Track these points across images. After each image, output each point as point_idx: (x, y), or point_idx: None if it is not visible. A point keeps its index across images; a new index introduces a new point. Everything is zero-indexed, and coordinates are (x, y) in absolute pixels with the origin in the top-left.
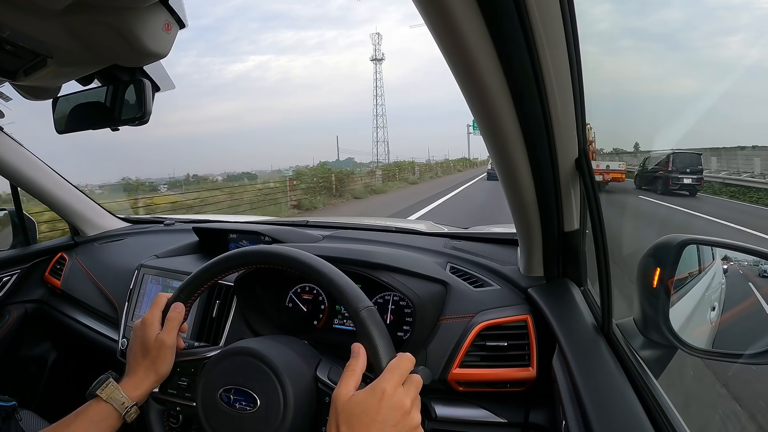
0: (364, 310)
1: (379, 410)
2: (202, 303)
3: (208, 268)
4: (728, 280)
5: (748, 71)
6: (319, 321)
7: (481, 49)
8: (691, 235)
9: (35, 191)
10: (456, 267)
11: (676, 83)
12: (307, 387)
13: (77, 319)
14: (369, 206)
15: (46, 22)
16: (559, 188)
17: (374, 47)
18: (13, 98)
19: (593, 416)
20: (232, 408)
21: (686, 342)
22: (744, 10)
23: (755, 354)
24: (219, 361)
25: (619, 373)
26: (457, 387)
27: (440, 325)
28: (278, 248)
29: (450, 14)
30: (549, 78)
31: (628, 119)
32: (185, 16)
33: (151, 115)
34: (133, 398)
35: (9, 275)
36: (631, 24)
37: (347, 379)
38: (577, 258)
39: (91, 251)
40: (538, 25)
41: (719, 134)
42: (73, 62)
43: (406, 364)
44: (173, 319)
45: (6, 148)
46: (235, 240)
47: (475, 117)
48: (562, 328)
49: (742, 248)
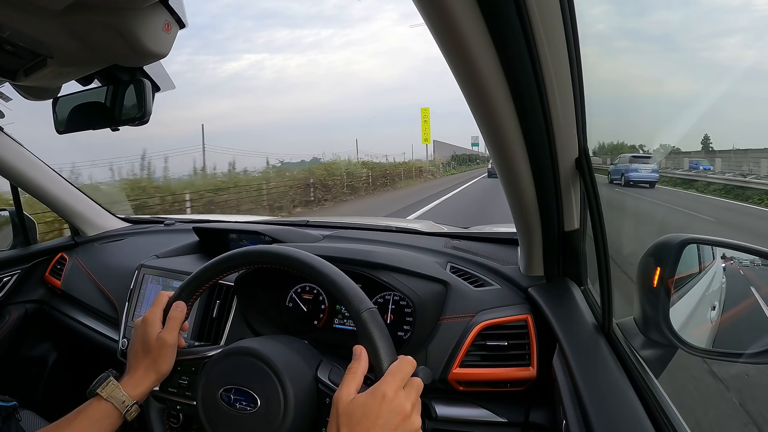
0: (365, 311)
1: (380, 413)
2: (202, 303)
3: (209, 268)
4: (728, 279)
5: (745, 73)
6: (320, 321)
7: (481, 48)
8: (691, 235)
9: (35, 191)
10: (456, 266)
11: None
12: (308, 387)
13: (77, 319)
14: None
15: (46, 22)
16: (560, 188)
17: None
18: (15, 98)
19: (593, 416)
20: (233, 408)
21: (686, 341)
22: (741, 12)
23: (755, 353)
24: (219, 360)
25: (619, 372)
26: (457, 387)
27: (440, 324)
28: (279, 248)
29: (450, 14)
30: (549, 78)
31: (626, 119)
32: (185, 16)
33: (151, 115)
34: (134, 397)
35: (9, 275)
36: (628, 25)
37: (348, 381)
38: (577, 257)
39: (92, 251)
40: (538, 24)
41: (714, 136)
42: (73, 62)
43: (407, 368)
44: (175, 318)
45: (6, 148)
46: (236, 240)
47: (476, 117)
48: (562, 327)
49: (742, 248)
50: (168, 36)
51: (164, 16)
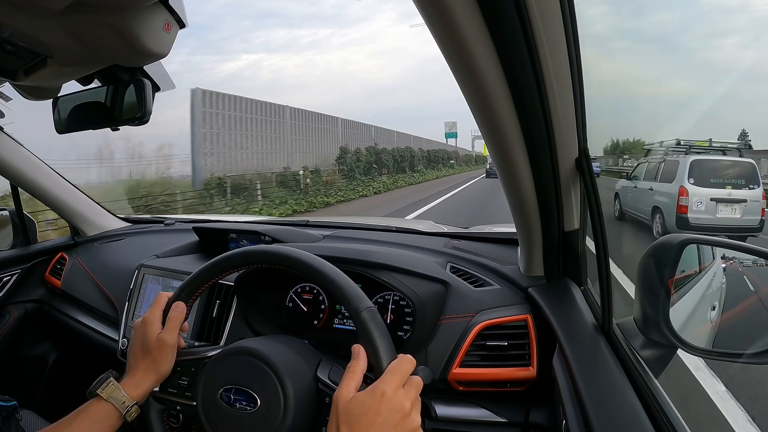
0: (365, 310)
1: (379, 412)
2: (202, 303)
3: (209, 268)
4: (728, 279)
5: (742, 75)
6: (320, 320)
7: (481, 48)
8: (691, 235)
9: (35, 191)
10: (456, 266)
11: (672, 84)
12: (308, 387)
13: (77, 319)
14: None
15: (46, 22)
16: (560, 188)
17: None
18: (19, 98)
19: (593, 415)
20: (233, 408)
21: (686, 341)
22: (738, 12)
23: (755, 353)
24: (219, 360)
25: (619, 372)
26: (457, 386)
27: (440, 324)
28: (279, 248)
29: (450, 14)
30: (549, 78)
31: (624, 120)
32: (185, 15)
33: (151, 114)
34: (134, 397)
35: (9, 275)
36: (627, 25)
37: (348, 380)
38: (577, 257)
39: (92, 251)
40: (538, 24)
41: (709, 133)
42: (73, 62)
43: (407, 366)
44: (174, 318)
45: (6, 148)
46: (235, 240)
47: (476, 117)
48: (562, 327)
49: (742, 248)
50: (168, 36)
51: (164, 15)
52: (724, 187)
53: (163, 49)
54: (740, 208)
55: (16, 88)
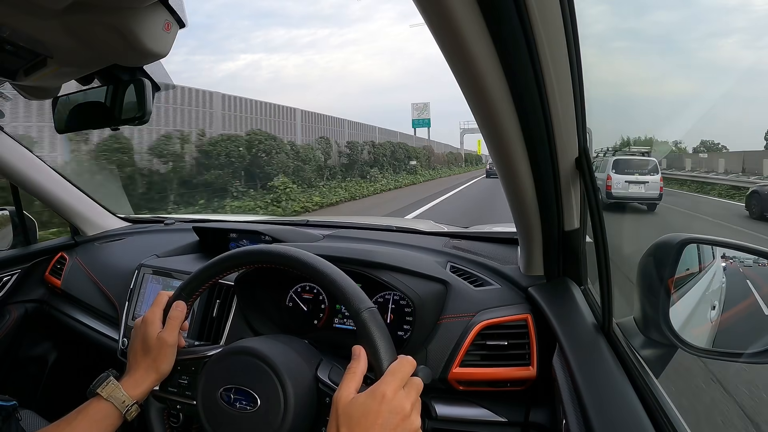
0: (365, 311)
1: (379, 413)
2: (202, 302)
3: (209, 267)
4: (728, 279)
5: (743, 74)
6: (320, 320)
7: (482, 48)
8: (691, 235)
9: (35, 191)
10: (456, 266)
11: (671, 84)
12: (308, 387)
13: (77, 319)
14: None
15: (46, 22)
16: (560, 187)
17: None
18: (18, 98)
19: (593, 415)
20: (233, 407)
21: (686, 341)
22: (739, 12)
23: (755, 353)
24: (219, 360)
25: (619, 372)
26: (457, 386)
27: (440, 324)
28: (279, 248)
29: (450, 14)
30: (549, 77)
31: (624, 120)
32: (185, 15)
33: (151, 114)
34: (134, 396)
35: (9, 275)
36: (627, 25)
37: (348, 381)
38: (577, 257)
39: (92, 251)
40: (538, 24)
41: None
42: (73, 62)
43: (407, 368)
44: (175, 317)
45: (6, 148)
46: (236, 239)
47: (476, 116)
48: (562, 327)
49: (742, 247)
50: (168, 35)
51: (164, 15)
52: (634, 174)
53: (163, 48)
54: (645, 187)
55: (16, 88)
